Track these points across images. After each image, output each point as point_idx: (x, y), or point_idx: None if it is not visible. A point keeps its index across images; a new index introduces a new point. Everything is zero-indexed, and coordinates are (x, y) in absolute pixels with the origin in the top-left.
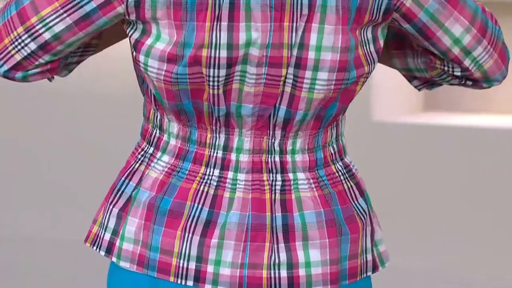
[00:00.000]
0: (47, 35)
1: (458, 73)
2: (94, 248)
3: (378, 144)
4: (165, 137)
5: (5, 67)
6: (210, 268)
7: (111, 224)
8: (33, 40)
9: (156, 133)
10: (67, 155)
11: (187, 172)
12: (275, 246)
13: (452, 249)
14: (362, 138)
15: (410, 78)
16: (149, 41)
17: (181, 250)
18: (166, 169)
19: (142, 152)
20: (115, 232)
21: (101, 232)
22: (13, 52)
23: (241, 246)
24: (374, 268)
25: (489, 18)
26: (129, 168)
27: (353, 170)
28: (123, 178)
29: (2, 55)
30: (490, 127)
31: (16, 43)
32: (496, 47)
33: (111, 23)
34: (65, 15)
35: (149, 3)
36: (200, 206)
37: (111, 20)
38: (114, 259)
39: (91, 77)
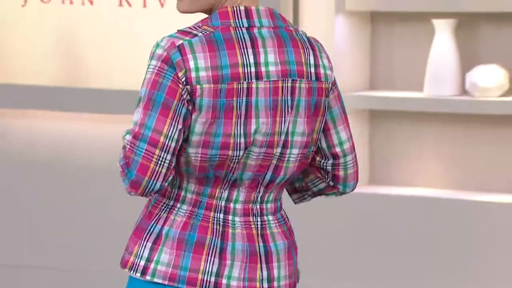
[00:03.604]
0: (173, 144)
1: (329, 166)
2: (131, 272)
3: (336, 210)
4: (182, 193)
5: (158, 184)
6: (224, 281)
7: (145, 254)
8: (167, 152)
9: (175, 191)
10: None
11: (202, 216)
12: (262, 266)
13: None
14: (324, 204)
15: (291, 192)
16: (190, 135)
17: (205, 269)
18: (187, 214)
19: (164, 205)
20: (148, 260)
21: (137, 260)
22: (159, 169)
23: (243, 266)
24: (298, 281)
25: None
26: (155, 216)
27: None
28: (152, 223)
29: (153, 176)
30: (422, 196)
31: (159, 162)
32: (356, 164)
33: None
34: (175, 123)
35: (198, 107)
36: (215, 238)
37: (188, 111)
38: (148, 278)
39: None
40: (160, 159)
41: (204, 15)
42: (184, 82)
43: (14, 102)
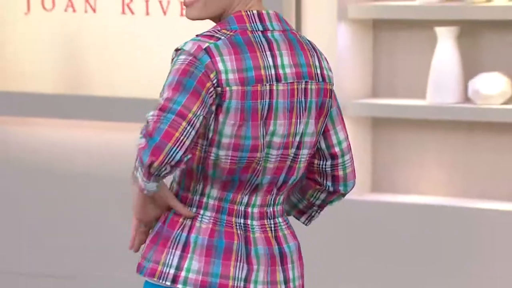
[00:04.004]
0: (198, 124)
1: (328, 168)
2: (160, 281)
3: (339, 217)
4: (205, 199)
5: (180, 153)
6: (251, 286)
7: (174, 262)
8: (193, 128)
9: (196, 198)
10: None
11: (225, 221)
12: (278, 268)
13: None
14: (327, 211)
15: (298, 215)
16: (217, 137)
17: (235, 274)
18: (211, 220)
19: None
20: (178, 268)
21: (166, 269)
22: (183, 139)
23: (266, 269)
24: None
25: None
26: (179, 224)
27: None
28: (177, 231)
29: (177, 145)
30: (424, 204)
31: (185, 132)
32: (353, 163)
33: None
34: (202, 109)
35: (225, 109)
36: (241, 243)
37: (212, 108)
38: (180, 286)
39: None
40: (186, 130)
41: (212, 23)
42: (216, 84)
43: (16, 110)
